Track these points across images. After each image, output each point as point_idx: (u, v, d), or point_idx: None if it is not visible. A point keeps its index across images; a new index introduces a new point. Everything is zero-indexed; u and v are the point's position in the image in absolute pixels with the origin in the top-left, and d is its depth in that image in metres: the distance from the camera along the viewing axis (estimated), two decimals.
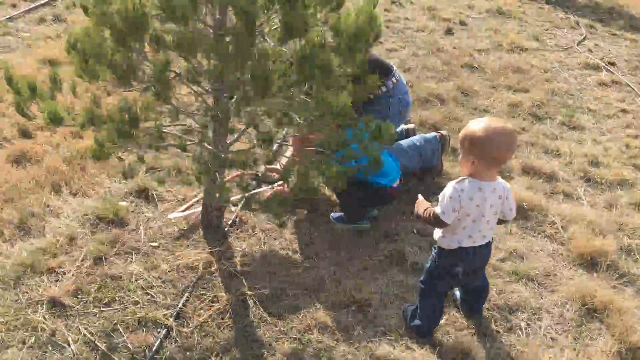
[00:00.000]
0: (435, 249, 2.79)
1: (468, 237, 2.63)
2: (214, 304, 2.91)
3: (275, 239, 3.45)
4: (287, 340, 2.77)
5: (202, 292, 2.99)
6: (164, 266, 3.11)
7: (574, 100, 5.96)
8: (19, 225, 3.32)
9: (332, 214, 3.67)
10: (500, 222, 2.71)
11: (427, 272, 2.82)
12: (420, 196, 2.87)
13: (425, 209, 2.71)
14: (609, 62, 7.14)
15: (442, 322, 2.92)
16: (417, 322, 2.85)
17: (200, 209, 3.45)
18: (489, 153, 2.49)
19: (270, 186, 3.69)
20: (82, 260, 3.09)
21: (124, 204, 3.58)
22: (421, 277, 2.86)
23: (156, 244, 3.28)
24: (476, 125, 2.53)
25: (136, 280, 3.00)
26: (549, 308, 3.11)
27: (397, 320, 2.94)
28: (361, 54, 2.56)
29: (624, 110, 5.86)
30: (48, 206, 3.51)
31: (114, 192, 3.70)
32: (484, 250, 2.70)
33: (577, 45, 7.59)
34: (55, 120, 2.63)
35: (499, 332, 2.93)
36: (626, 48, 7.72)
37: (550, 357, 2.78)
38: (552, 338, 2.93)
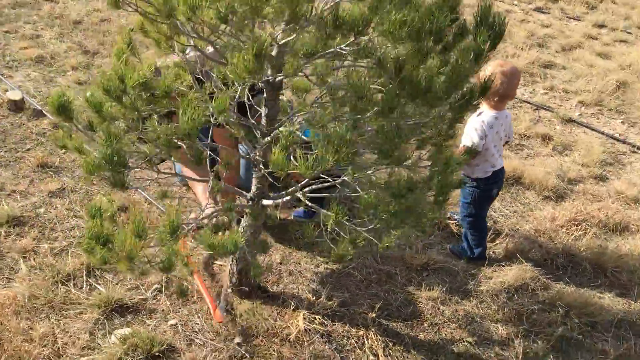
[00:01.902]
0: (468, 182, 3.22)
1: (497, 160, 3.18)
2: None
3: (299, 263, 3.19)
4: (468, 334, 2.91)
5: (356, 353, 2.70)
6: (287, 351, 2.61)
7: None
8: None
9: (294, 213, 3.56)
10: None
11: (469, 205, 3.26)
12: None
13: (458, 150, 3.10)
14: None
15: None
16: (478, 250, 3.34)
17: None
18: (502, 89, 3.02)
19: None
20: None
21: (128, 330, 2.62)
22: (464, 213, 3.30)
23: (243, 343, 2.64)
24: (491, 68, 2.98)
25: None
26: None
27: (472, 265, 3.35)
28: None
29: None
30: None
31: (90, 330, 2.63)
32: (504, 169, 3.32)
33: None
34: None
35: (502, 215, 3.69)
36: None
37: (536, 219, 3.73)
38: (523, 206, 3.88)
